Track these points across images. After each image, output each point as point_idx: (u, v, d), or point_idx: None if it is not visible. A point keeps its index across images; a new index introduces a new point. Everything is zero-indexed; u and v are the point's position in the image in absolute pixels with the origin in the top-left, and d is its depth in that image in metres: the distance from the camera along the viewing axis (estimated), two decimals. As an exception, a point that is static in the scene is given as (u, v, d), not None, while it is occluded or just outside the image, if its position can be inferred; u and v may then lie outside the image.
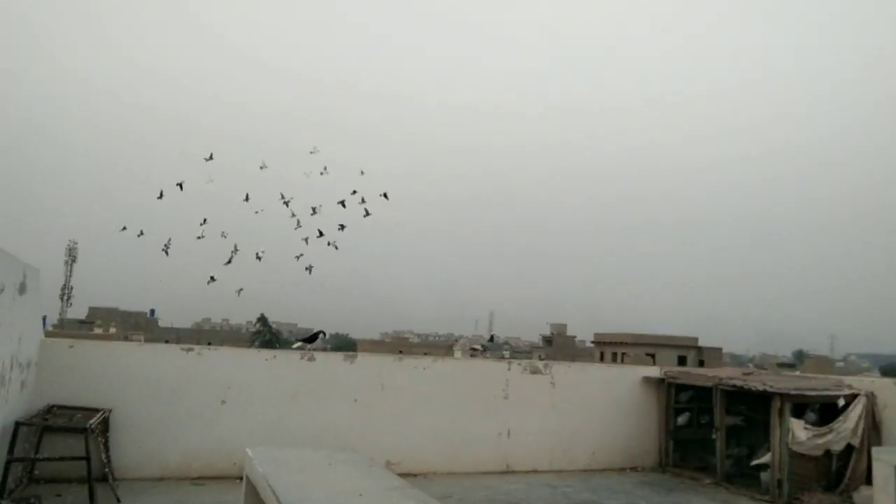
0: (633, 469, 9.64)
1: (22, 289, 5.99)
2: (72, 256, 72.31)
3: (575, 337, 74.50)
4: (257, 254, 10.89)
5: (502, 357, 16.90)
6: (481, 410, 8.98)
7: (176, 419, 7.54)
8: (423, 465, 8.43)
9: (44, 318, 9.45)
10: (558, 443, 9.34)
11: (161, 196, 10.58)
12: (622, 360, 43.19)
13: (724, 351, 53.79)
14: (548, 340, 72.32)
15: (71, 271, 72.48)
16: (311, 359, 8.33)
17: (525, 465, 9.07)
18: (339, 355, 8.79)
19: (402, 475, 4.43)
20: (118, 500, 6.25)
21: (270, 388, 8.00)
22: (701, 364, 42.77)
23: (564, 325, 74.79)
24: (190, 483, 7.26)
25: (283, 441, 7.67)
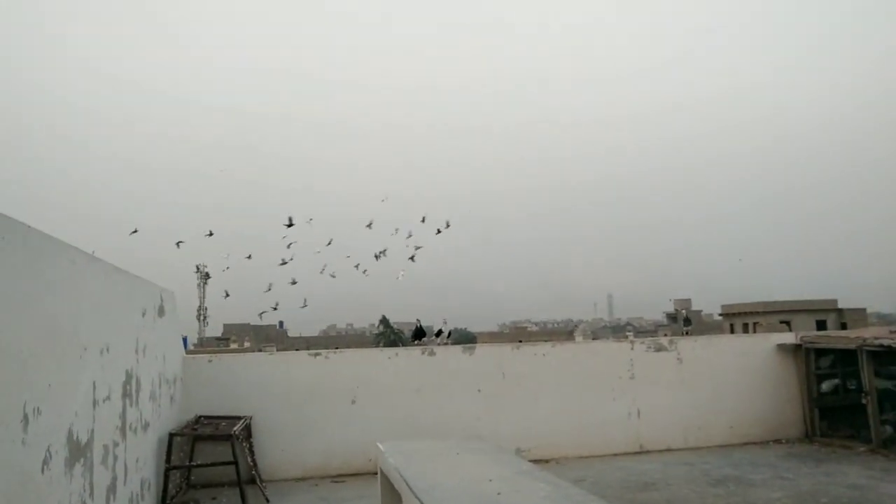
0: (777, 441, 9.13)
1: (160, 311, 6.47)
2: (203, 277, 77.57)
3: (701, 311, 71.39)
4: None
5: (624, 337, 16.53)
6: (608, 392, 8.81)
7: (311, 421, 7.91)
8: (554, 450, 8.38)
9: (185, 339, 10.17)
10: (692, 419, 9.01)
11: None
12: (755, 331, 40.94)
13: (868, 311, 49.58)
14: (672, 317, 69.73)
15: (204, 293, 77.72)
16: (432, 353, 8.48)
17: (659, 444, 8.82)
18: (458, 348, 8.88)
19: (534, 462, 4.42)
20: (267, 501, 6.62)
21: (395, 384, 8.22)
22: (843, 327, 39.76)
23: (688, 300, 71.71)
24: (330, 481, 7.58)
25: (412, 435, 7.84)
